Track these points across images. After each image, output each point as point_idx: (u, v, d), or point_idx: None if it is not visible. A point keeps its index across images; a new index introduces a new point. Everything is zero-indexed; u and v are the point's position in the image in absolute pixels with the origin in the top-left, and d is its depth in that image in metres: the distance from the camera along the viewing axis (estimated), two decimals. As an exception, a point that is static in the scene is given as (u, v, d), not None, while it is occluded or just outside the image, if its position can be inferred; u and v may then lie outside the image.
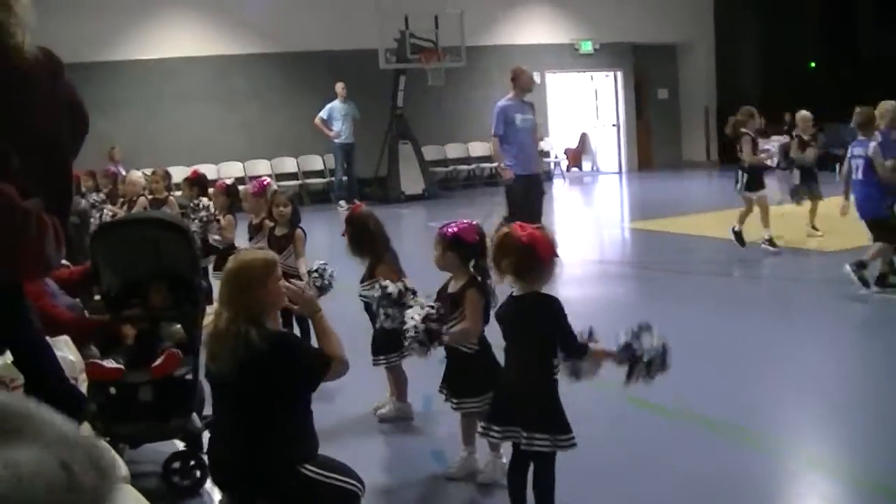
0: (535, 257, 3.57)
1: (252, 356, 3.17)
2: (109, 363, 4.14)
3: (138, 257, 4.48)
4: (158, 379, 4.16)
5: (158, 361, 4.16)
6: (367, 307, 5.08)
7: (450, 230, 4.27)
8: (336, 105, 16.53)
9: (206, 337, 3.56)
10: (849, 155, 8.09)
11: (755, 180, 9.87)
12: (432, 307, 4.04)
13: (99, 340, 4.48)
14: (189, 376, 4.27)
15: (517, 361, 3.68)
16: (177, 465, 4.27)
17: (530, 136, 9.48)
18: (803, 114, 11.09)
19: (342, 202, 15.95)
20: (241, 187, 7.94)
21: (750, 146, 9.80)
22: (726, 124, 11.54)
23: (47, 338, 3.37)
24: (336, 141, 16.47)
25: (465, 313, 4.15)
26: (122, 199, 8.96)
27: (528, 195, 9.24)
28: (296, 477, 3.27)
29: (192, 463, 4.26)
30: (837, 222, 9.43)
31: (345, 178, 16.81)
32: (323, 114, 16.49)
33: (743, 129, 9.84)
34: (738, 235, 9.91)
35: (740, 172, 9.94)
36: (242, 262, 3.39)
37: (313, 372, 3.35)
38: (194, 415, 4.30)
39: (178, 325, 4.44)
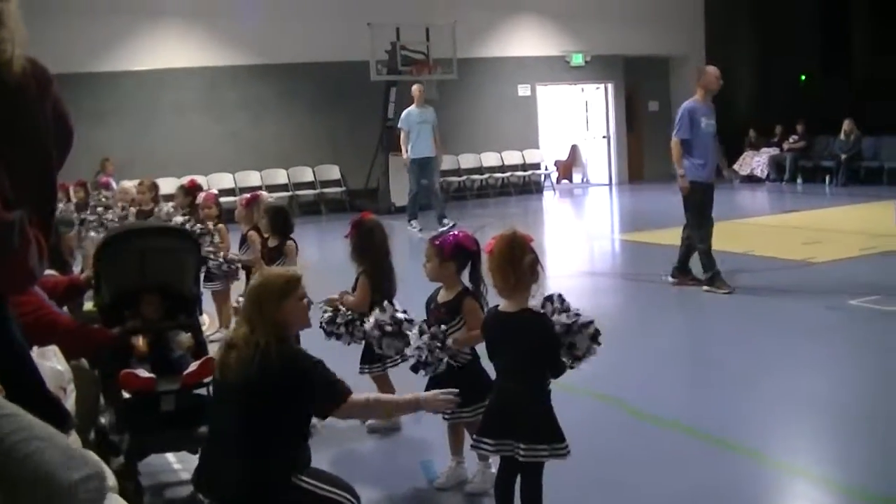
0: (536, 272, 3.61)
1: (263, 371, 3.18)
2: (142, 373, 4.12)
3: (133, 268, 4.46)
4: (186, 386, 4.14)
5: (192, 369, 4.13)
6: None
7: (448, 240, 4.26)
8: (413, 112, 14.04)
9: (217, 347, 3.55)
10: None
11: None
12: (436, 331, 4.10)
13: (90, 350, 4.43)
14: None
15: (512, 376, 3.62)
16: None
17: (714, 142, 8.76)
18: None
19: (413, 222, 14.00)
20: (223, 199, 8.03)
21: None
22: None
23: (36, 347, 3.34)
24: (409, 156, 13.91)
25: (468, 322, 4.17)
26: (114, 209, 9.00)
27: (710, 206, 8.66)
28: (292, 488, 3.26)
29: None
30: (829, 233, 9.50)
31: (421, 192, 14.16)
32: (401, 124, 14.15)
33: None
34: None
35: None
36: (262, 279, 3.43)
37: (325, 398, 3.33)
38: None
39: (188, 334, 4.43)
